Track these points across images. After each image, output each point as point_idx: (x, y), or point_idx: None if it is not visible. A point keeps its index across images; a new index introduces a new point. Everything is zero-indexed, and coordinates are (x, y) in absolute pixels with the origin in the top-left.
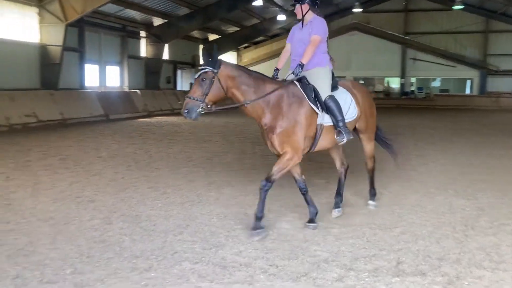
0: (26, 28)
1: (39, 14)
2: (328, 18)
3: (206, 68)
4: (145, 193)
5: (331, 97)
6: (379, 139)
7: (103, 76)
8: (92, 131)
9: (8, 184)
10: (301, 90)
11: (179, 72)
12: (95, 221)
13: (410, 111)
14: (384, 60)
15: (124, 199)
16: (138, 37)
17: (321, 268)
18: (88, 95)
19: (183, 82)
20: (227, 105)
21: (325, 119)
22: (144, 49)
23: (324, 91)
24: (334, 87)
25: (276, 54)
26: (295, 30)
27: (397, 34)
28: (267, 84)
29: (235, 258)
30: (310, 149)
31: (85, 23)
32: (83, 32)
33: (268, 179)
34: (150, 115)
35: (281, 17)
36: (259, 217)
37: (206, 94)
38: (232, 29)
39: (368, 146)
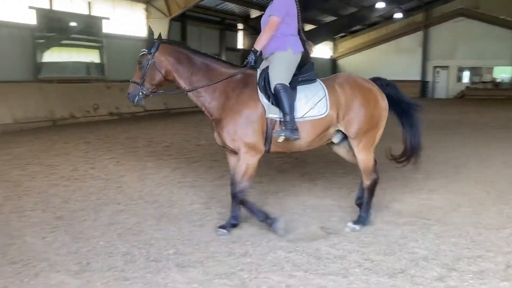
0: (135, 23)
1: (146, 9)
2: (430, 4)
3: (144, 51)
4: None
5: (283, 86)
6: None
7: None
8: (193, 120)
9: (119, 168)
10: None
11: None
12: (195, 205)
13: None
14: (493, 48)
15: (221, 186)
16: (235, 30)
17: (420, 265)
18: None
19: None
20: (170, 90)
21: (271, 112)
22: (241, 41)
23: (275, 78)
24: (309, 80)
25: (374, 43)
26: (266, 11)
27: (510, 19)
28: (215, 71)
29: (329, 250)
30: (268, 148)
31: (187, 17)
32: (185, 26)
33: (236, 194)
34: None
35: (380, 4)
36: (265, 220)
37: (144, 78)
38: (329, 18)
39: (362, 157)
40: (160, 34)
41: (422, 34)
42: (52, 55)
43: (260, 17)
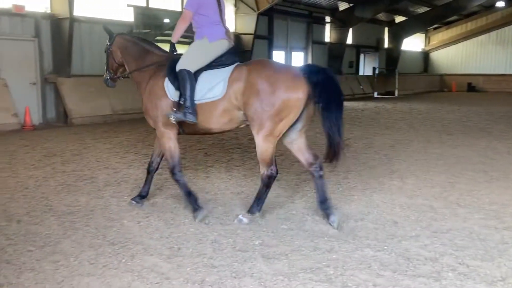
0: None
1: (235, 5)
2: None
3: (107, 43)
4: (326, 176)
5: (184, 71)
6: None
7: (289, 62)
8: None
9: (207, 159)
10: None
11: (362, 56)
12: (281, 198)
13: None
14: None
15: (306, 180)
16: (323, 23)
17: None
18: None
19: (365, 66)
20: (123, 74)
21: (172, 95)
22: (328, 34)
23: (180, 64)
24: (224, 64)
25: (472, 34)
26: None
27: None
28: (148, 57)
29: (420, 251)
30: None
31: (274, 11)
32: (272, 20)
33: (171, 172)
34: None
35: None
36: (193, 203)
37: (107, 65)
38: (422, 9)
39: (260, 144)
40: (106, 28)
41: None
42: None
43: (348, 9)
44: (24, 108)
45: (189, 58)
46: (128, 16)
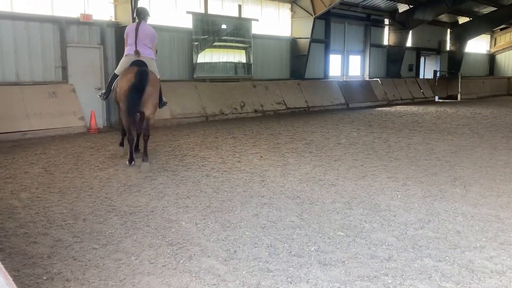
0: (280, 23)
1: (291, 9)
2: None
3: None
4: (384, 182)
5: (113, 73)
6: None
7: (346, 65)
8: (333, 118)
9: (262, 163)
10: None
11: (422, 59)
12: (337, 204)
13: None
14: None
15: (364, 186)
16: (381, 25)
17: None
18: (331, 84)
19: (426, 69)
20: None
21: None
22: (386, 37)
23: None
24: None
25: None
26: None
27: None
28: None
29: (485, 263)
30: None
31: (331, 15)
32: (329, 23)
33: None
34: (389, 104)
35: None
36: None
37: None
38: (487, 9)
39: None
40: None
41: None
42: (205, 56)
43: (408, 11)
44: (90, 112)
45: (118, 66)
46: (187, 23)
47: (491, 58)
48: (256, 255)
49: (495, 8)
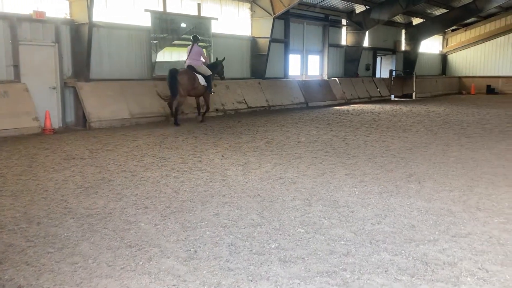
0: (239, 23)
1: (251, 9)
2: None
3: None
4: (342, 179)
5: None
6: None
7: (305, 65)
8: (293, 117)
9: (223, 162)
10: None
11: (379, 59)
12: (297, 201)
13: None
14: None
15: (323, 183)
16: (339, 26)
17: None
18: (291, 83)
19: (382, 69)
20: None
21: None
22: (344, 37)
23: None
24: None
25: (490, 36)
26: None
27: None
28: None
29: (438, 256)
30: None
31: (290, 15)
32: (288, 23)
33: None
34: (347, 102)
35: None
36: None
37: None
38: (439, 11)
39: None
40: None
41: None
42: (164, 55)
43: (364, 12)
44: (45, 112)
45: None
46: (146, 21)
47: (444, 58)
48: (217, 255)
49: (446, 10)
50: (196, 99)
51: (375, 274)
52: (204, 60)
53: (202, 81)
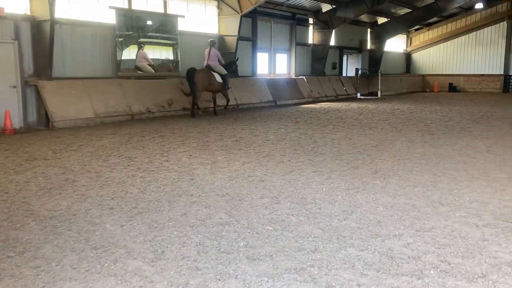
0: (207, 20)
1: (218, 7)
2: None
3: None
4: (310, 176)
5: None
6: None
7: (273, 63)
8: (261, 115)
9: (191, 161)
10: None
11: (345, 58)
12: (265, 199)
13: None
14: None
15: (291, 181)
16: (306, 25)
17: (503, 271)
18: (259, 81)
19: (348, 67)
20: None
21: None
22: (311, 35)
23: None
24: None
25: (452, 36)
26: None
27: None
28: None
29: (403, 250)
30: None
31: (257, 13)
32: (255, 22)
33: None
34: (315, 101)
35: None
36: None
37: None
38: (403, 10)
39: None
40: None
41: (506, 24)
42: (130, 53)
43: (331, 11)
44: (4, 112)
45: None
46: (111, 18)
47: (408, 57)
48: (185, 254)
49: (410, 10)
50: (212, 95)
51: (342, 269)
52: (220, 61)
53: (218, 78)
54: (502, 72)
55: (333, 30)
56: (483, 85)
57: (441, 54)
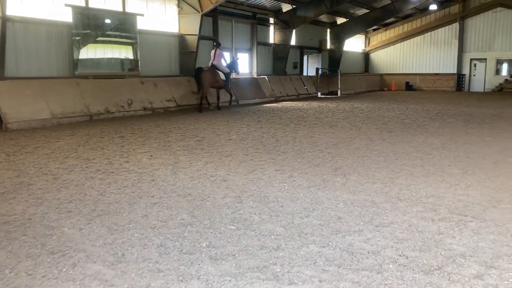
0: (167, 19)
1: (178, 5)
2: None
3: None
4: (272, 175)
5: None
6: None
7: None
8: (224, 115)
9: (152, 162)
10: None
11: (305, 57)
12: (228, 199)
13: None
14: None
15: (253, 180)
16: (267, 24)
17: (457, 263)
18: None
19: (309, 67)
20: None
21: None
22: (272, 35)
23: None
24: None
25: (408, 36)
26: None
27: None
28: None
29: (363, 245)
30: None
31: (218, 13)
32: (216, 21)
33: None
34: (276, 100)
35: None
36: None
37: None
38: (361, 11)
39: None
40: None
41: (458, 25)
42: (88, 52)
43: (291, 11)
44: None
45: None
46: (67, 16)
47: (366, 57)
48: (146, 257)
49: (368, 10)
50: (216, 91)
51: (304, 266)
52: (224, 60)
53: (222, 76)
54: (455, 71)
55: (294, 30)
56: (438, 84)
57: (398, 53)
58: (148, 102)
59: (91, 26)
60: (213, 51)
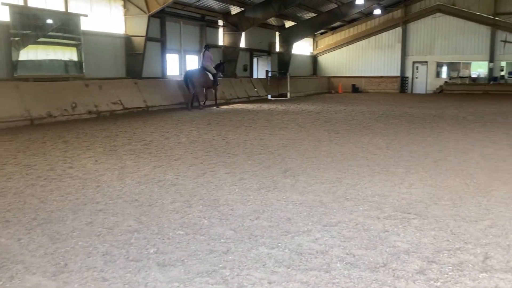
0: (112, 20)
1: (124, 6)
2: (408, 1)
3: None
4: (222, 178)
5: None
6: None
7: (183, 65)
8: (173, 118)
9: (97, 167)
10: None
11: (255, 60)
12: (176, 203)
13: (499, 98)
14: (470, 44)
15: (203, 183)
16: (216, 26)
17: (401, 259)
18: (170, 83)
19: (259, 69)
20: None
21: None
22: (221, 37)
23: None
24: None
25: (354, 39)
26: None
27: (486, 15)
28: None
29: (311, 245)
30: None
31: (166, 14)
32: (164, 22)
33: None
34: (227, 102)
35: (360, 1)
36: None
37: None
38: (309, 15)
39: None
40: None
41: (401, 30)
42: (28, 53)
43: (240, 13)
44: None
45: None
46: (4, 16)
47: (314, 60)
48: (90, 265)
49: (315, 14)
50: (205, 90)
51: (253, 269)
52: (212, 61)
53: (211, 77)
54: (399, 74)
55: (243, 33)
56: (382, 86)
57: (344, 57)
58: (93, 105)
59: (31, 26)
60: (201, 53)
